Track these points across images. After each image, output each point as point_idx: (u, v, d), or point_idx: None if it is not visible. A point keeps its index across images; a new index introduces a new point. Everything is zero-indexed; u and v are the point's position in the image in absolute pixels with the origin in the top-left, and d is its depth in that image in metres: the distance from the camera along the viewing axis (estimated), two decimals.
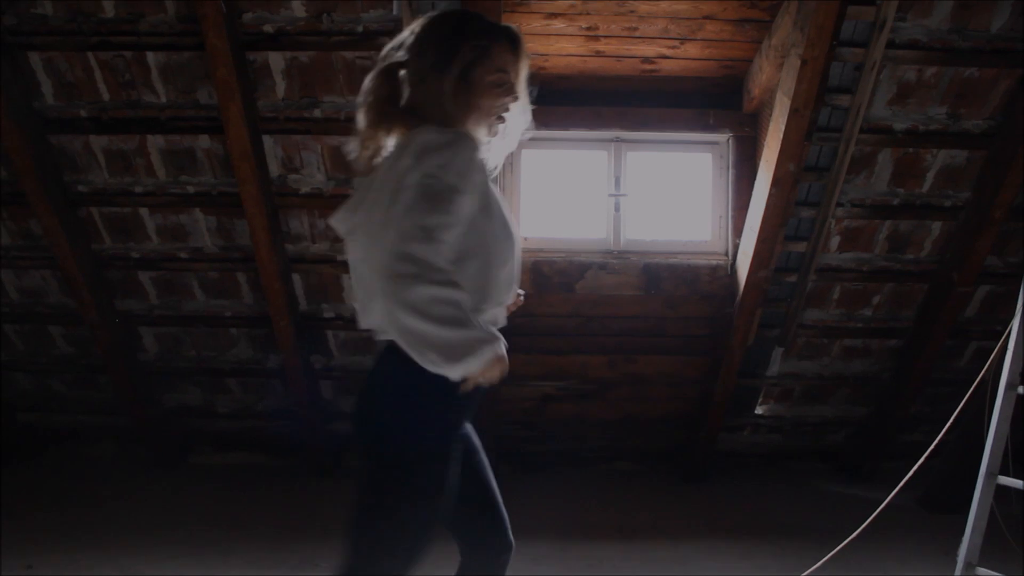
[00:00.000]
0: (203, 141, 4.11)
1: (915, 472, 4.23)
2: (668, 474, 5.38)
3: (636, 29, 4.03)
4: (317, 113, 4.04)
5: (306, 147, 4.13)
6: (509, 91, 2.12)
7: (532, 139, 4.38)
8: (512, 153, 4.31)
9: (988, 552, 3.86)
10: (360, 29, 3.82)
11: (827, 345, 4.89)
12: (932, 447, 3.94)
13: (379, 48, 3.82)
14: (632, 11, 3.95)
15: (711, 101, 4.40)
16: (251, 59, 3.89)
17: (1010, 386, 3.77)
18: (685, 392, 4.88)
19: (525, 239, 4.54)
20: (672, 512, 4.55)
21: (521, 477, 5.29)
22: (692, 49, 4.12)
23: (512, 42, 2.11)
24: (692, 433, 5.08)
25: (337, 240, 4.42)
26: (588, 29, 4.04)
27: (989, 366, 3.91)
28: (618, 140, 4.42)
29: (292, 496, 4.88)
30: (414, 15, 3.69)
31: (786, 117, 3.83)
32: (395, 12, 3.75)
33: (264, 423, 5.22)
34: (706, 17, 3.96)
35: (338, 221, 2.19)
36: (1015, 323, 3.80)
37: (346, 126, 4.03)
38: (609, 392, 5.01)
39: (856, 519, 4.02)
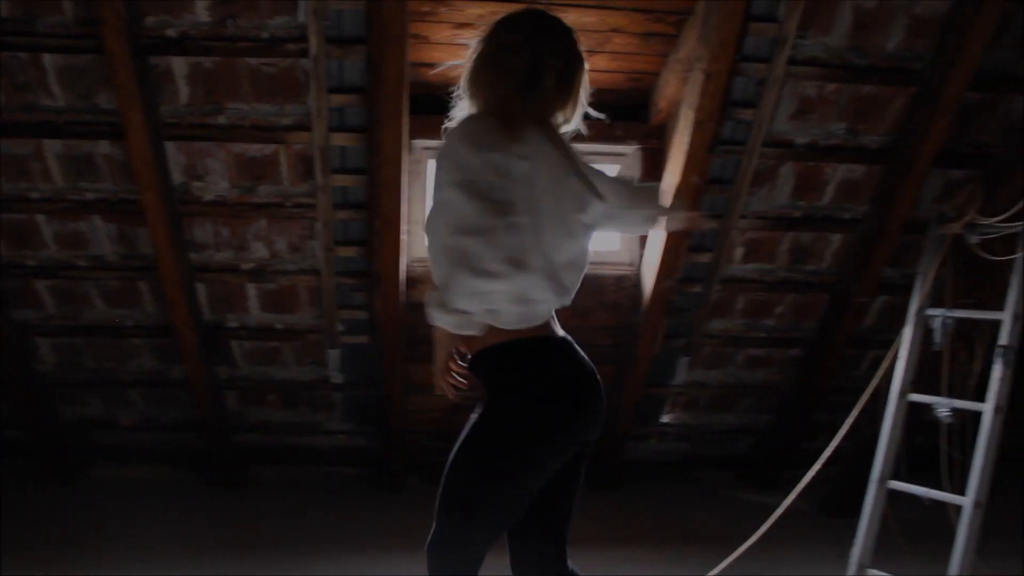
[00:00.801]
0: (103, 147, 4.00)
1: (814, 478, 4.34)
2: None
3: None
4: (221, 120, 3.96)
5: (210, 154, 4.05)
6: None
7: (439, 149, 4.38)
8: (419, 162, 4.31)
9: (881, 554, 3.99)
10: (266, 35, 3.76)
11: (731, 354, 4.97)
12: (827, 454, 4.05)
13: (285, 55, 3.82)
14: None
15: (619, 113, 4.42)
16: (153, 64, 3.79)
17: (901, 394, 3.90)
18: None
19: None
20: (581, 520, 4.56)
21: (429, 489, 5.22)
22: (600, 61, 4.15)
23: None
24: (600, 442, 5.10)
25: (242, 248, 4.35)
26: None
27: (882, 375, 4.03)
28: None
29: (197, 509, 4.77)
30: (319, 22, 3.66)
31: (690, 129, 3.89)
32: (301, 19, 3.70)
33: (168, 435, 5.10)
34: (613, 30, 4.00)
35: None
36: (906, 333, 3.94)
37: (252, 133, 3.99)
38: None
39: (759, 525, 4.10)
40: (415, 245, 4.47)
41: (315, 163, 4.05)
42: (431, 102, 4.18)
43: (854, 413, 4.08)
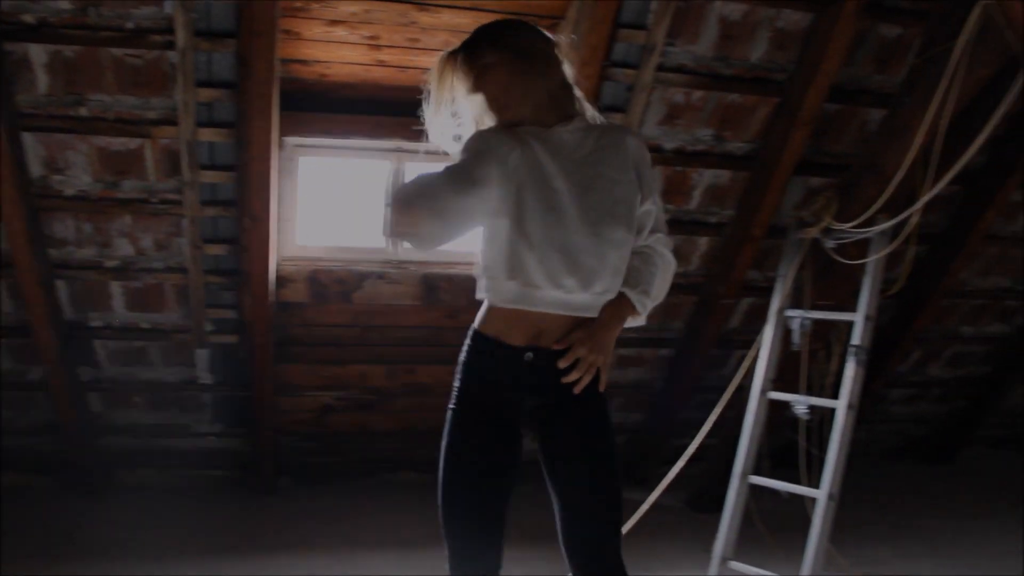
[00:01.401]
0: None
1: (683, 475, 4.46)
2: None
3: (418, 41, 4.04)
4: (83, 111, 3.83)
5: (71, 147, 3.91)
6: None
7: (312, 146, 4.34)
8: (291, 160, 4.26)
9: (746, 547, 4.12)
10: (131, 25, 3.65)
11: None
12: (690, 452, 4.16)
13: (150, 46, 3.72)
14: (414, 22, 3.96)
15: None
16: (9, 50, 3.63)
17: (761, 392, 4.04)
18: None
19: (303, 248, 4.46)
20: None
21: (303, 490, 5.19)
22: None
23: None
24: None
25: (106, 245, 4.21)
26: (371, 38, 4.02)
27: (744, 373, 4.17)
28: (399, 150, 4.42)
29: (58, 518, 4.59)
30: (186, 14, 3.57)
31: None
32: (167, 10, 3.60)
33: (27, 440, 4.88)
34: None
35: None
36: (766, 333, 4.08)
37: (115, 126, 3.87)
38: (390, 402, 5.00)
39: (633, 524, 4.19)
40: (285, 243, 4.41)
41: (182, 158, 3.95)
42: (304, 99, 4.19)
43: (716, 411, 4.21)
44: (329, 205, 4.59)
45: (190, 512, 4.79)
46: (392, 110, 4.31)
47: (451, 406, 2.27)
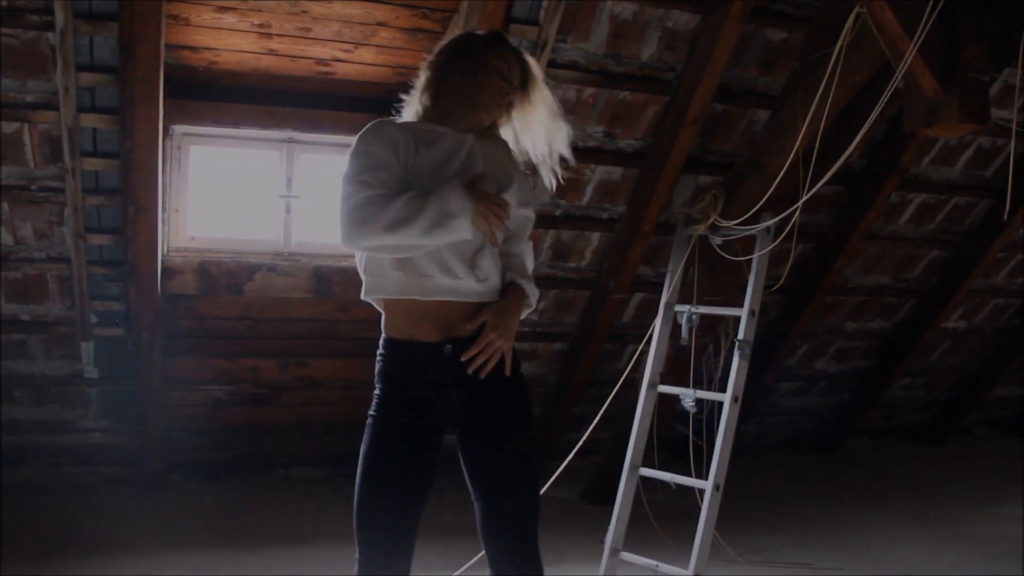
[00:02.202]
0: None
1: (578, 468, 4.52)
2: (345, 478, 5.36)
3: (310, 30, 4.00)
4: None
5: None
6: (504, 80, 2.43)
7: (201, 135, 4.25)
8: (179, 148, 4.17)
9: (638, 538, 4.19)
10: (5, 3, 3.51)
11: None
12: (579, 445, 4.21)
13: (28, 26, 3.58)
14: (305, 11, 3.91)
15: (386, 107, 4.42)
16: None
17: (651, 385, 4.12)
18: (359, 395, 4.88)
19: (192, 238, 4.38)
20: (346, 516, 4.54)
21: (194, 486, 5.09)
22: (367, 54, 4.14)
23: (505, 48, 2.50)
24: None
25: None
26: (261, 26, 3.96)
27: (634, 367, 4.24)
28: (291, 141, 4.37)
29: None
30: None
31: None
32: None
33: None
34: (379, 24, 4.00)
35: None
36: (656, 328, 4.16)
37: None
38: (282, 396, 4.94)
39: None
40: (172, 234, 4.32)
41: (63, 145, 3.83)
42: (193, 86, 4.10)
43: (606, 404, 4.27)
44: (220, 196, 4.50)
45: (77, 510, 4.65)
46: (285, 100, 4.27)
47: (371, 413, 2.29)
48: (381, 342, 2.31)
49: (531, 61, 2.47)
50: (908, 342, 6.11)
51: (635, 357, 4.24)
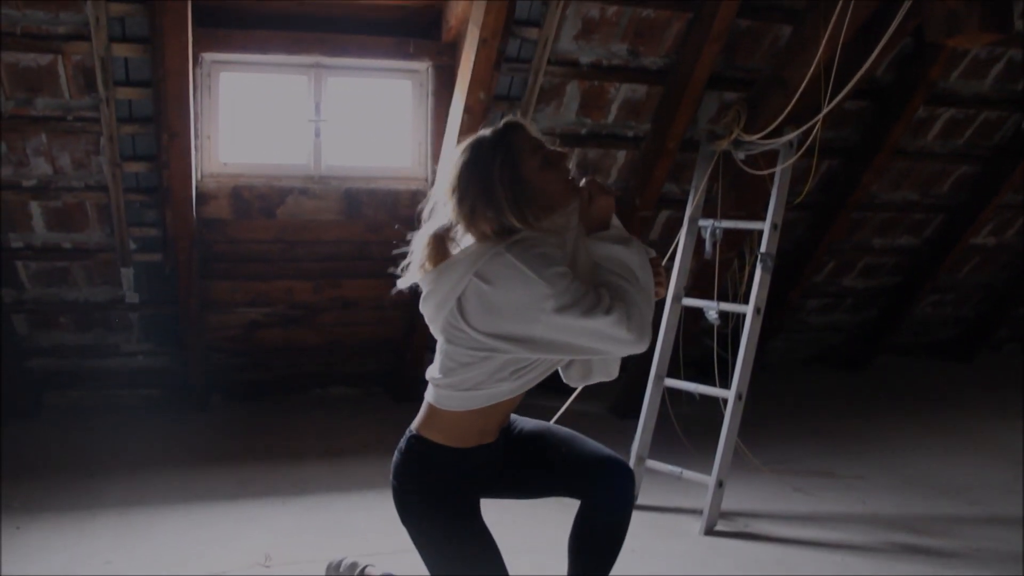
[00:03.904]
0: None
1: (601, 384, 4.59)
2: (380, 396, 5.54)
3: None
4: None
5: None
6: (556, 158, 2.23)
7: (231, 62, 4.32)
8: (209, 76, 4.24)
9: (664, 449, 4.31)
10: None
11: None
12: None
13: None
14: None
15: (412, 30, 4.48)
16: None
17: (675, 298, 4.19)
18: (391, 315, 5.02)
19: (225, 164, 4.47)
20: (382, 432, 4.70)
21: (235, 406, 5.28)
22: None
23: (521, 126, 2.23)
24: (400, 355, 5.26)
25: (22, 164, 4.17)
26: None
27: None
28: (318, 66, 4.42)
29: None
30: None
31: (476, 47, 3.99)
32: None
33: None
34: None
35: None
36: (680, 242, 4.22)
37: (24, 41, 3.81)
38: (317, 317, 5.08)
39: None
40: (205, 160, 4.42)
41: (97, 75, 3.91)
42: (221, 14, 4.16)
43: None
44: (251, 121, 4.58)
45: (122, 430, 4.84)
46: (311, 26, 4.33)
47: (436, 518, 2.26)
48: (434, 451, 2.24)
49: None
50: (936, 259, 6.12)
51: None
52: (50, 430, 4.80)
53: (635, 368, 5.04)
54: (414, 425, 2.28)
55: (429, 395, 2.26)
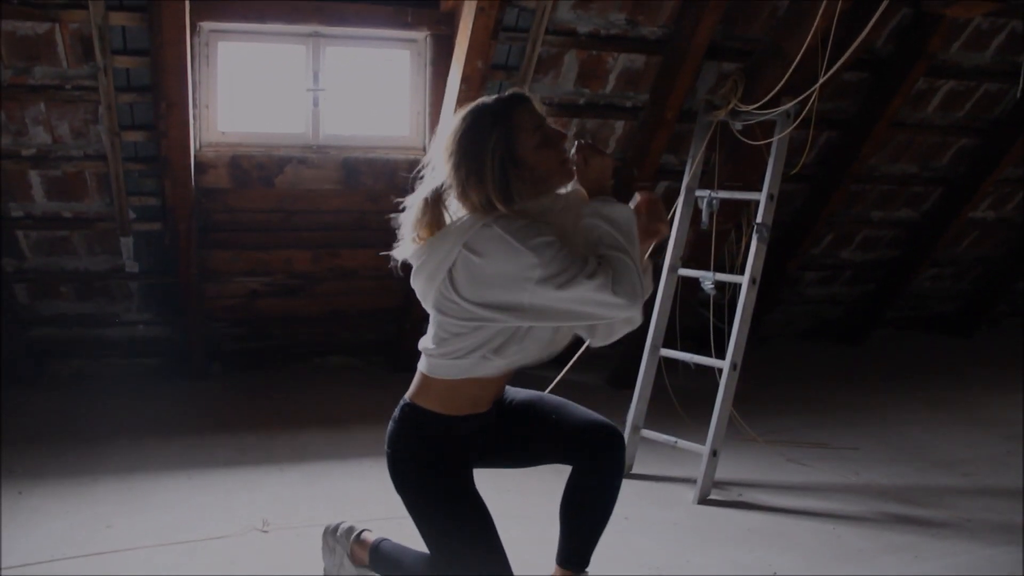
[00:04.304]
0: None
1: (600, 356, 4.61)
2: (379, 366, 5.58)
3: None
4: None
5: None
6: (554, 138, 2.22)
7: (229, 32, 4.31)
8: (207, 45, 4.24)
9: (661, 419, 4.34)
10: None
11: None
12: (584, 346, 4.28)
13: None
14: None
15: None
16: None
17: (671, 269, 4.21)
18: (390, 285, 5.02)
19: (223, 133, 4.47)
20: (380, 401, 4.72)
21: (235, 374, 5.31)
22: None
23: (524, 99, 2.22)
24: (399, 325, 5.29)
25: (21, 133, 4.18)
26: None
27: (655, 253, 4.30)
28: (316, 35, 4.42)
29: None
30: None
31: (473, 15, 3.99)
32: None
33: None
34: None
35: None
36: (676, 212, 4.23)
37: (21, 10, 3.80)
38: (316, 287, 5.10)
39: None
40: (204, 129, 4.42)
41: (94, 43, 3.90)
42: None
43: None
44: (249, 91, 4.58)
45: (123, 398, 4.88)
46: None
47: (430, 486, 2.28)
48: (427, 418, 2.26)
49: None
50: (935, 232, 6.13)
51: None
52: (51, 398, 4.84)
53: (632, 339, 5.07)
54: (408, 394, 2.31)
55: (422, 365, 2.29)
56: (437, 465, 2.27)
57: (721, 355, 4.02)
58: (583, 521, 2.46)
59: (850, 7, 3.61)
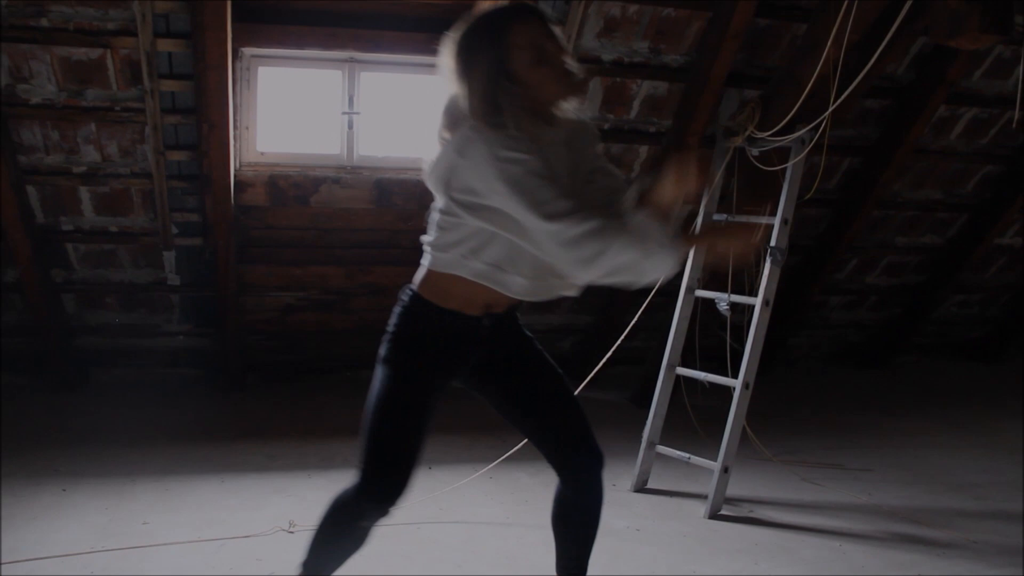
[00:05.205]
0: None
1: (624, 375, 4.76)
2: None
3: None
4: (44, 22, 4.00)
5: (35, 57, 4.10)
6: (552, 55, 2.21)
7: (269, 56, 4.51)
8: (248, 69, 4.44)
9: (679, 437, 4.44)
10: None
11: None
12: (611, 351, 4.45)
13: None
14: None
15: (443, 27, 4.63)
16: None
17: (688, 289, 4.32)
18: None
19: (262, 154, 4.69)
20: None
21: (269, 386, 5.51)
22: None
23: (528, 13, 2.23)
24: None
25: (73, 152, 4.43)
26: None
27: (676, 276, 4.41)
28: (352, 61, 4.62)
29: (40, 412, 4.91)
30: None
31: None
32: None
33: (4, 340, 5.16)
34: None
35: None
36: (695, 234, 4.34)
37: (76, 36, 4.05)
38: (349, 302, 5.29)
39: None
40: (244, 150, 4.63)
41: (142, 68, 4.14)
42: (260, 10, 4.37)
43: (639, 312, 4.47)
44: (287, 113, 4.79)
45: (163, 406, 5.10)
46: (346, 21, 4.50)
47: (394, 360, 2.34)
48: (417, 302, 2.34)
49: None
50: (960, 258, 6.17)
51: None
52: (94, 403, 5.07)
53: (654, 360, 5.19)
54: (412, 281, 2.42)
55: (423, 258, 2.37)
56: (411, 350, 2.34)
57: (736, 375, 4.13)
58: (574, 535, 2.55)
59: (861, 36, 3.71)
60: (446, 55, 2.24)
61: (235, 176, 4.58)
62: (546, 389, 2.49)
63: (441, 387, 2.39)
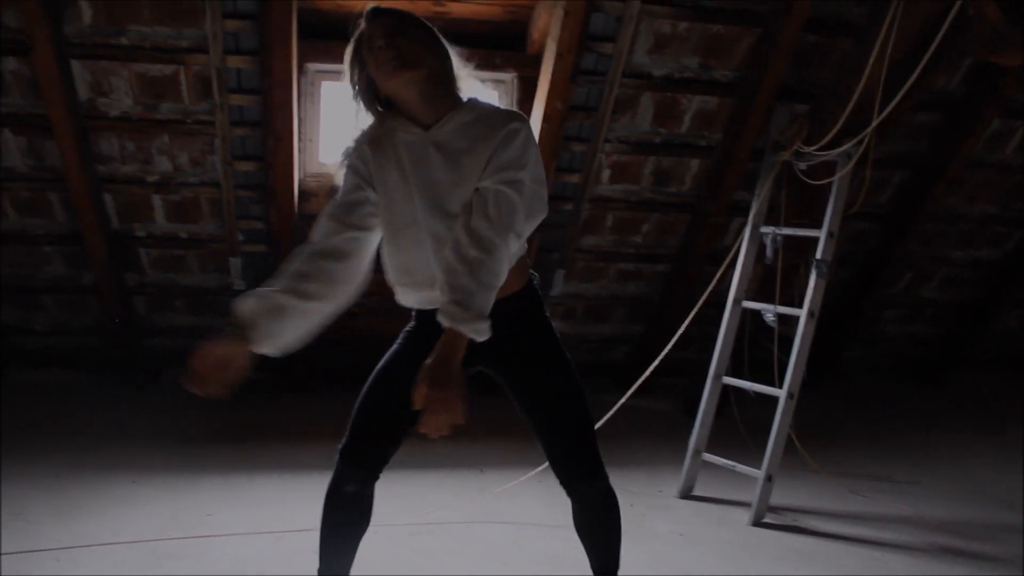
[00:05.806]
0: (10, 63, 4.24)
1: (677, 385, 4.86)
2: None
3: None
4: (124, 41, 4.25)
5: (114, 73, 4.34)
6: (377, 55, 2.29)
7: (332, 72, 4.70)
8: (312, 84, 4.63)
9: (727, 446, 4.50)
10: None
11: (604, 268, 5.45)
12: (659, 359, 4.54)
13: None
14: None
15: (498, 43, 4.79)
16: None
17: (736, 301, 4.40)
18: None
19: (324, 165, 4.88)
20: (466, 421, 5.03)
21: (330, 389, 5.66)
22: None
23: (372, 15, 2.34)
24: None
25: (146, 162, 4.66)
26: None
27: (713, 288, 4.49)
28: None
29: (111, 410, 5.15)
30: None
31: (552, 61, 4.30)
32: None
33: (80, 340, 5.44)
34: None
35: None
36: (742, 247, 4.43)
37: (152, 54, 4.29)
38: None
39: (628, 424, 4.59)
40: (307, 161, 4.83)
41: (213, 83, 4.37)
42: (324, 27, 4.56)
43: (686, 322, 4.54)
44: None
45: (227, 407, 5.24)
46: None
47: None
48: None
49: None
50: (1018, 272, 6.13)
51: (718, 275, 4.50)
52: (162, 402, 5.30)
53: (703, 369, 5.26)
54: None
55: None
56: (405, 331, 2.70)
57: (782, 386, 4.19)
58: (595, 544, 2.61)
59: (905, 52, 3.76)
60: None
61: (299, 186, 4.78)
62: (543, 405, 2.50)
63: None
